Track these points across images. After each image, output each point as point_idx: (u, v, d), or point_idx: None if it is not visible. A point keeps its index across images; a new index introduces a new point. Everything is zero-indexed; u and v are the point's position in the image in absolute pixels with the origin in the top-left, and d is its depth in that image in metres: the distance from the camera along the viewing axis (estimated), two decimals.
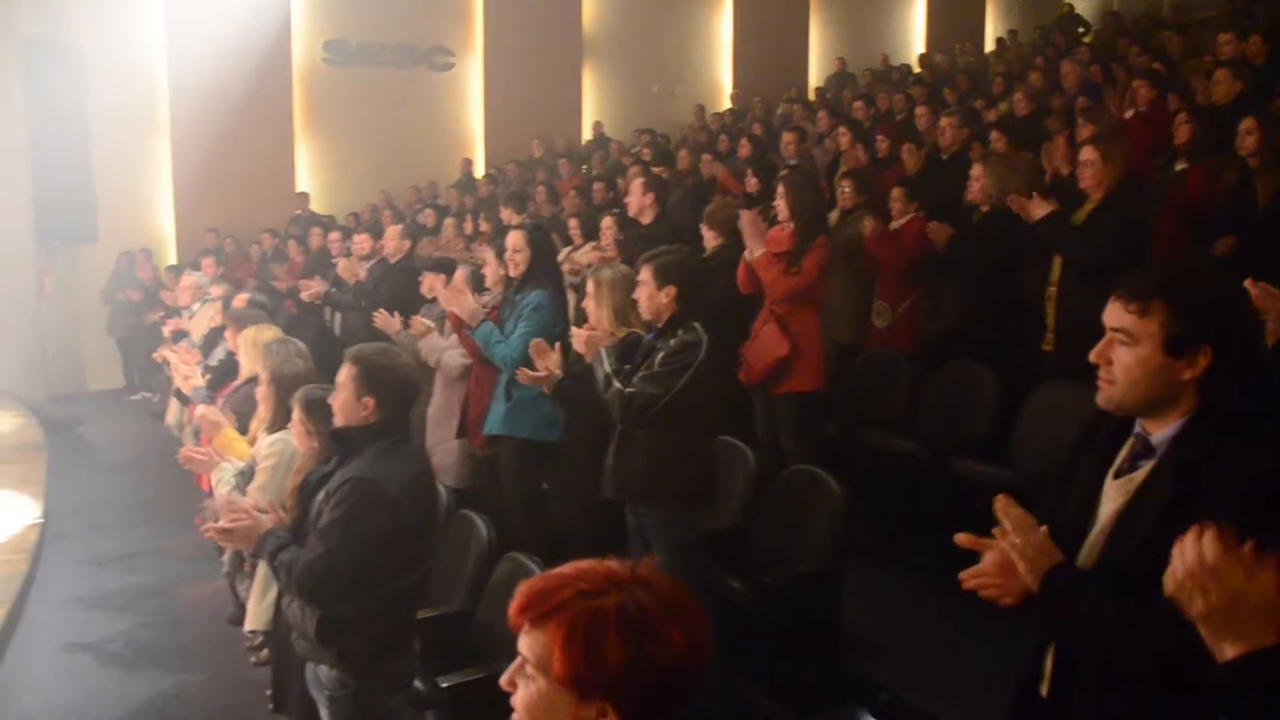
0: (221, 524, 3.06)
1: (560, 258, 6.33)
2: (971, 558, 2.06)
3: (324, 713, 3.11)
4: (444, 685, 3.46)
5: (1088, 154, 4.67)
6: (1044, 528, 1.95)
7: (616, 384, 3.64)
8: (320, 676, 3.07)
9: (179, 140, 12.57)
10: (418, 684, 3.36)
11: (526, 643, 1.41)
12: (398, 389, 3.05)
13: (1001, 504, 1.96)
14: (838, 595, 4.15)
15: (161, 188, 12.71)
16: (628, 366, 3.71)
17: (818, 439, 5.23)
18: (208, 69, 12.02)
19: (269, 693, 4.29)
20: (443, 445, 5.27)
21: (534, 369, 4.19)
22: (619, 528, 4.08)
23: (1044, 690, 2.07)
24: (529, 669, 1.40)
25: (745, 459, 4.63)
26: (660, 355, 3.63)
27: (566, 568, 1.43)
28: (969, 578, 2.03)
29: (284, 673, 3.77)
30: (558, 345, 4.21)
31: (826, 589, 4.12)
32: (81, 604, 5.76)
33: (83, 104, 11.57)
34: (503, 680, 1.44)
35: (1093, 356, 2.00)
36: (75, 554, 6.37)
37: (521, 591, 1.42)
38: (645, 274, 3.72)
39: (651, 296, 3.70)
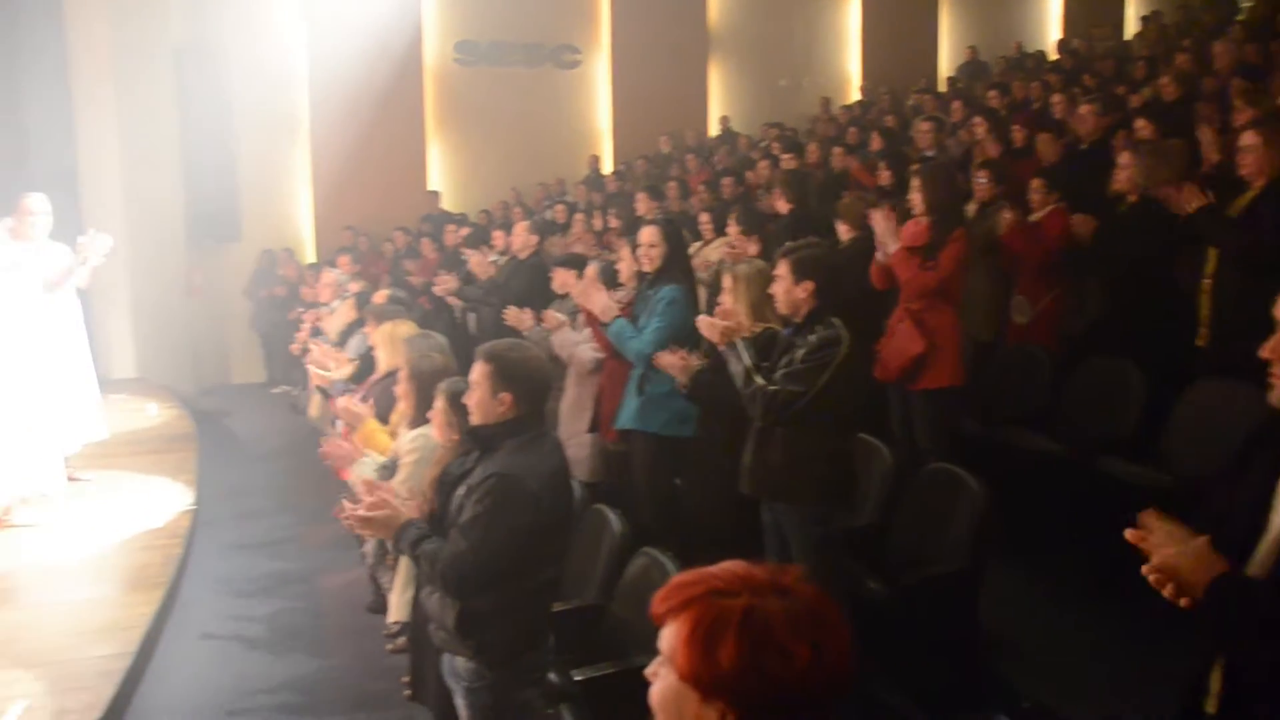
0: (361, 511, 3.08)
1: (690, 252, 6.30)
2: (1124, 563, 1.96)
3: (460, 703, 3.15)
4: (578, 678, 3.48)
5: (1248, 139, 4.42)
6: (1204, 537, 1.84)
7: (759, 380, 3.60)
8: (457, 667, 3.10)
9: (318, 142, 12.99)
10: (552, 676, 3.39)
11: (663, 635, 1.40)
12: (532, 383, 3.05)
13: (1148, 518, 1.87)
14: (976, 597, 4.04)
15: (301, 188, 13.15)
16: (765, 363, 3.67)
17: (955, 436, 5.11)
18: (345, 73, 12.37)
19: (405, 679, 4.39)
20: (575, 439, 5.29)
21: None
22: (753, 524, 4.04)
23: (1210, 707, 1.96)
24: (663, 662, 1.40)
25: (881, 456, 4.55)
26: (801, 352, 3.58)
27: (715, 566, 1.42)
28: (1151, 571, 1.91)
29: (422, 662, 3.84)
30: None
31: (965, 590, 4.01)
32: (228, 587, 5.98)
33: (229, 110, 12.05)
34: (647, 670, 1.44)
35: (1264, 353, 1.89)
36: (223, 540, 6.62)
37: (666, 584, 1.42)
38: (782, 268, 3.67)
39: (789, 291, 3.65)
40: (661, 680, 1.39)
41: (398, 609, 4.13)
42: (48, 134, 10.75)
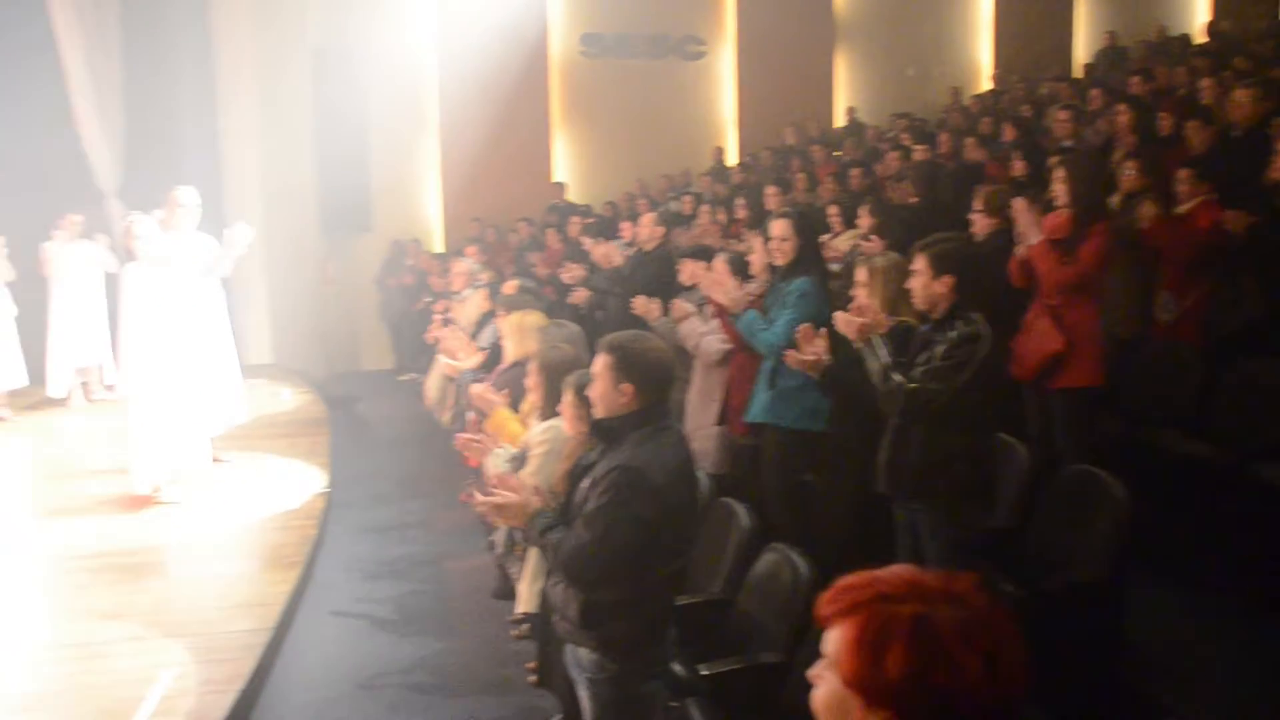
0: (493, 499, 3.12)
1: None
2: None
3: (582, 693, 3.15)
4: (705, 672, 3.46)
5: None
6: None
7: (897, 377, 3.53)
8: (580, 658, 3.11)
9: (447, 136, 13.24)
10: (677, 669, 3.37)
11: (827, 638, 1.37)
12: (654, 374, 3.02)
13: None
14: (1120, 607, 3.88)
15: (430, 180, 13.43)
16: (902, 359, 3.59)
17: (1095, 438, 4.92)
18: (473, 68, 12.58)
19: (530, 665, 4.44)
20: (702, 431, 5.28)
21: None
22: (885, 523, 3.96)
23: None
24: (826, 666, 1.37)
25: (1017, 457, 4.41)
26: (940, 348, 3.49)
27: (883, 569, 1.38)
28: None
29: (548, 650, 3.87)
30: (824, 331, 4.09)
31: (1106, 599, 3.86)
32: (359, 569, 6.14)
33: (362, 105, 12.41)
34: (810, 672, 1.41)
35: None
36: (355, 522, 6.80)
37: (832, 586, 1.39)
38: (920, 262, 3.58)
39: (926, 286, 3.56)
40: (825, 684, 1.37)
41: (526, 600, 4.17)
42: (194, 131, 11.24)
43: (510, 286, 6.00)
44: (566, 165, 13.91)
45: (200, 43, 11.47)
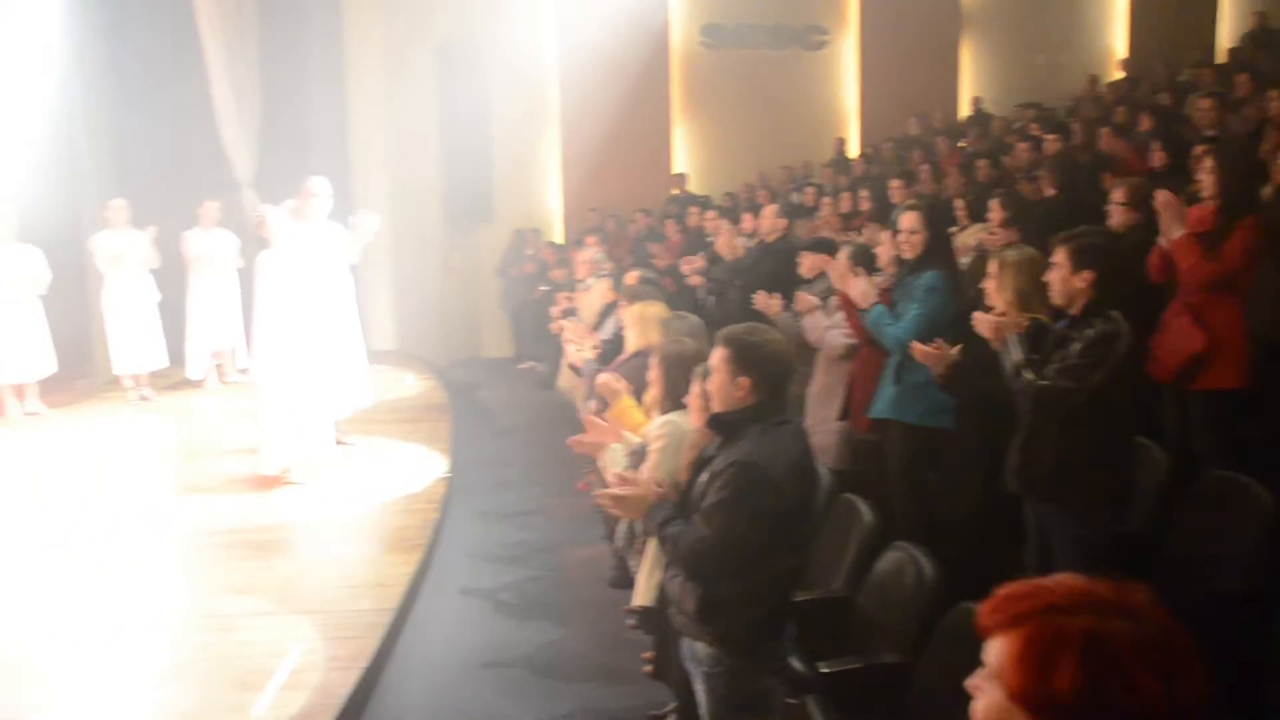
0: (613, 491, 3.14)
1: None
2: None
3: (699, 688, 3.14)
4: (824, 670, 3.42)
5: None
6: None
7: (1029, 375, 3.42)
8: (697, 652, 3.10)
9: (568, 127, 13.37)
10: (795, 665, 3.34)
11: (990, 648, 1.32)
12: (772, 367, 2.99)
13: None
14: (1270, 622, 3.69)
15: (550, 171, 13.58)
16: (1035, 356, 3.48)
17: (1237, 443, 4.69)
18: (594, 60, 12.67)
19: (646, 655, 4.45)
20: (824, 426, 5.21)
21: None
22: (1012, 524, 3.86)
23: None
24: (988, 677, 1.32)
25: (1154, 460, 4.23)
26: (1077, 346, 3.37)
27: (1050, 578, 1.32)
28: None
29: (665, 643, 3.87)
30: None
31: (1252, 613, 3.67)
32: (479, 553, 6.24)
33: (485, 98, 12.64)
34: (968, 682, 1.36)
35: None
36: (475, 507, 6.92)
37: (995, 594, 1.34)
38: (1060, 256, 3.45)
39: (1065, 280, 3.44)
40: (986, 696, 1.32)
41: (642, 593, 4.17)
42: (324, 124, 11.59)
43: (632, 277, 6.01)
44: (686, 156, 13.91)
45: (332, 40, 11.83)
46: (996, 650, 1.30)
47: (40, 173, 9.04)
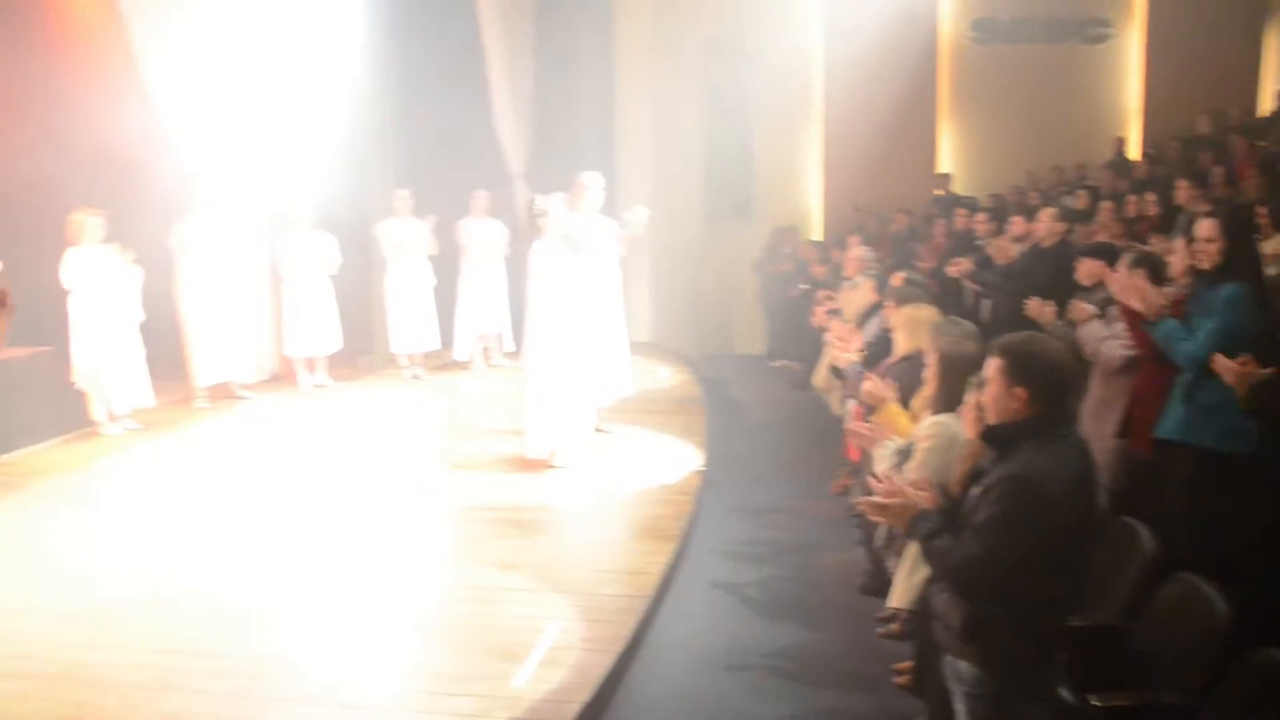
0: (876, 499, 3.09)
1: None
2: None
3: (959, 707, 3.04)
4: (1096, 703, 3.23)
5: None
6: None
7: None
8: (960, 670, 3.01)
9: (830, 124, 13.26)
10: (1064, 694, 3.17)
11: None
12: (1051, 378, 2.87)
13: None
14: None
15: (812, 168, 13.50)
16: None
17: None
18: (859, 56, 12.51)
19: (898, 666, 4.34)
20: (1098, 443, 4.91)
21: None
22: None
23: None
24: None
25: None
26: None
27: None
28: None
29: (925, 656, 3.77)
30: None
31: None
32: (729, 549, 6.25)
33: (747, 96, 12.72)
34: None
35: None
36: (726, 502, 6.95)
37: None
38: None
39: None
40: None
41: (900, 594, 4.09)
42: (593, 121, 11.98)
43: (898, 278, 5.89)
44: (952, 155, 13.51)
45: (603, 39, 12.18)
46: None
47: (333, 166, 9.80)
